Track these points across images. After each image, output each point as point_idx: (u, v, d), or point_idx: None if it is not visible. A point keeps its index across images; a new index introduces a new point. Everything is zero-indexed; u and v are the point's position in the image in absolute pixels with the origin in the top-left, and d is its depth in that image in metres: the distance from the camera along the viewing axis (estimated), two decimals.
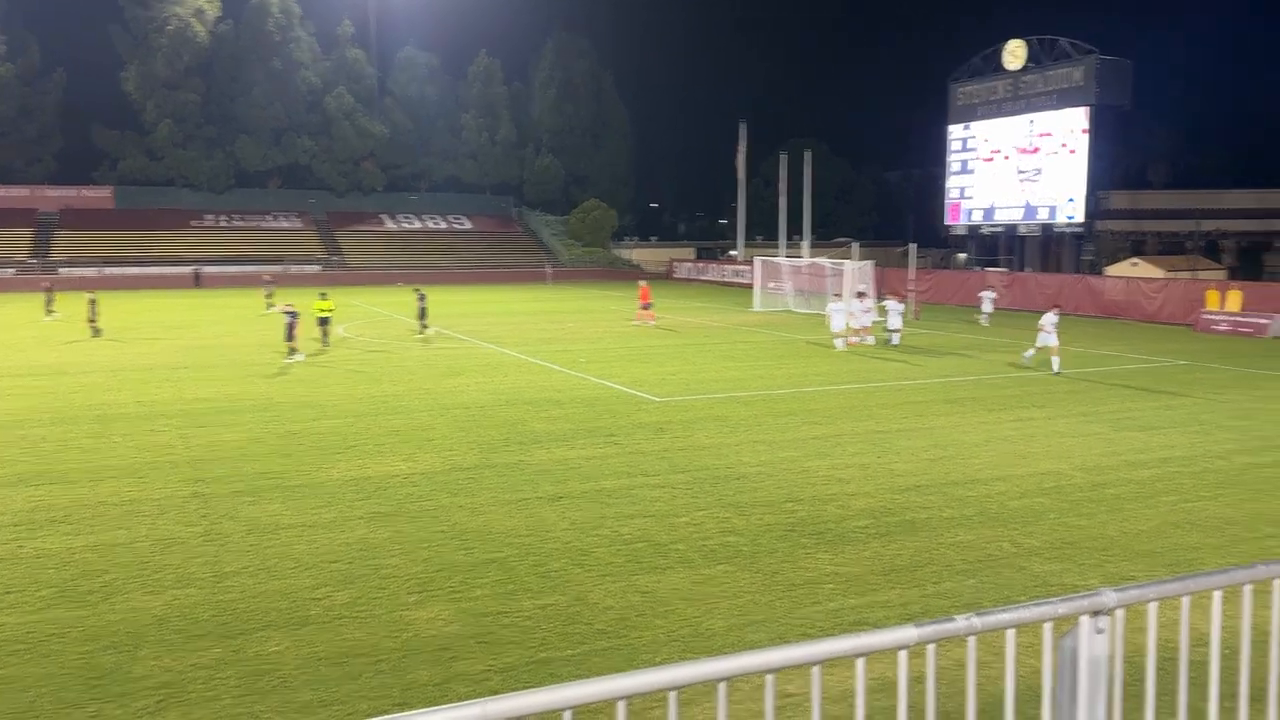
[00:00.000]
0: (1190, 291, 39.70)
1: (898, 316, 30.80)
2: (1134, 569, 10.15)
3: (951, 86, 60.47)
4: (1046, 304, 45.35)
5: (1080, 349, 30.45)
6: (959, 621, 2.48)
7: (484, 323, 40.15)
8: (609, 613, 8.91)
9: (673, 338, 34.30)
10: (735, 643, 8.25)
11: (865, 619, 8.79)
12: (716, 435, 16.94)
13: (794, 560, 10.38)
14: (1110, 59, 51.62)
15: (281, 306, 28.19)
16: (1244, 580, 2.89)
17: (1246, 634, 2.97)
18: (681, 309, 48.88)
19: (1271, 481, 13.72)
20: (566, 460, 15.01)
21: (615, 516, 11.96)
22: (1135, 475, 14.05)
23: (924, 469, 14.49)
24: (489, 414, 19.04)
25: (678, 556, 10.49)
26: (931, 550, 10.73)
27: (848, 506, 12.44)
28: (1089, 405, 19.99)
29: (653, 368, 25.91)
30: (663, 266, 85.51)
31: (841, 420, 18.33)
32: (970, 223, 60.57)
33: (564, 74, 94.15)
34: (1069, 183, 53.10)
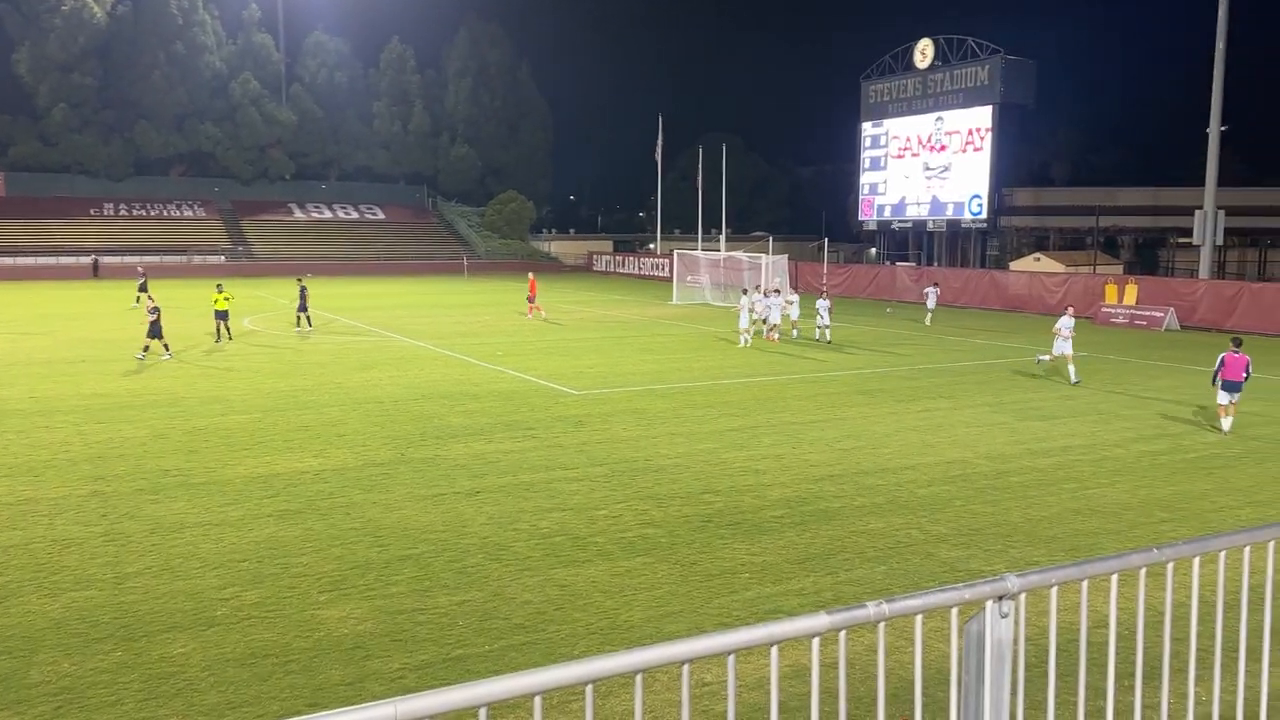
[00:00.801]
0: (1090, 286, 41.24)
1: (826, 313, 30.48)
2: (1036, 554, 10.51)
3: (864, 84, 61.63)
4: (955, 297, 46.90)
5: (985, 341, 31.39)
6: (869, 608, 2.52)
7: (398, 315, 39.51)
8: (527, 607, 8.86)
9: (591, 331, 34.27)
10: (653, 634, 8.29)
11: (780, 607, 8.92)
12: (635, 428, 16.98)
13: (711, 551, 10.47)
14: (1014, 59, 53.24)
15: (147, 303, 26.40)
16: (1139, 564, 3.00)
17: (1141, 615, 3.10)
18: (600, 302, 48.88)
19: (1165, 468, 14.35)
20: (484, 454, 14.87)
21: (533, 510, 11.90)
22: (1037, 463, 14.55)
23: (837, 459, 14.77)
24: (403, 408, 18.75)
25: (596, 549, 10.49)
26: (844, 538, 10.95)
27: (764, 497, 12.61)
28: (993, 396, 20.62)
29: (571, 361, 25.85)
30: (581, 259, 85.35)
31: (757, 412, 18.55)
32: (881, 218, 61.89)
33: (479, 63, 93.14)
34: (975, 180, 54.65)
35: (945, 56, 56.21)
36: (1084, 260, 52.76)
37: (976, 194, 54.59)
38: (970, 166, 54.90)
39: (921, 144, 58.06)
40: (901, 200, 59.84)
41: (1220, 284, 39.22)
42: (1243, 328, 34.17)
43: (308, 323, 32.97)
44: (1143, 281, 40.36)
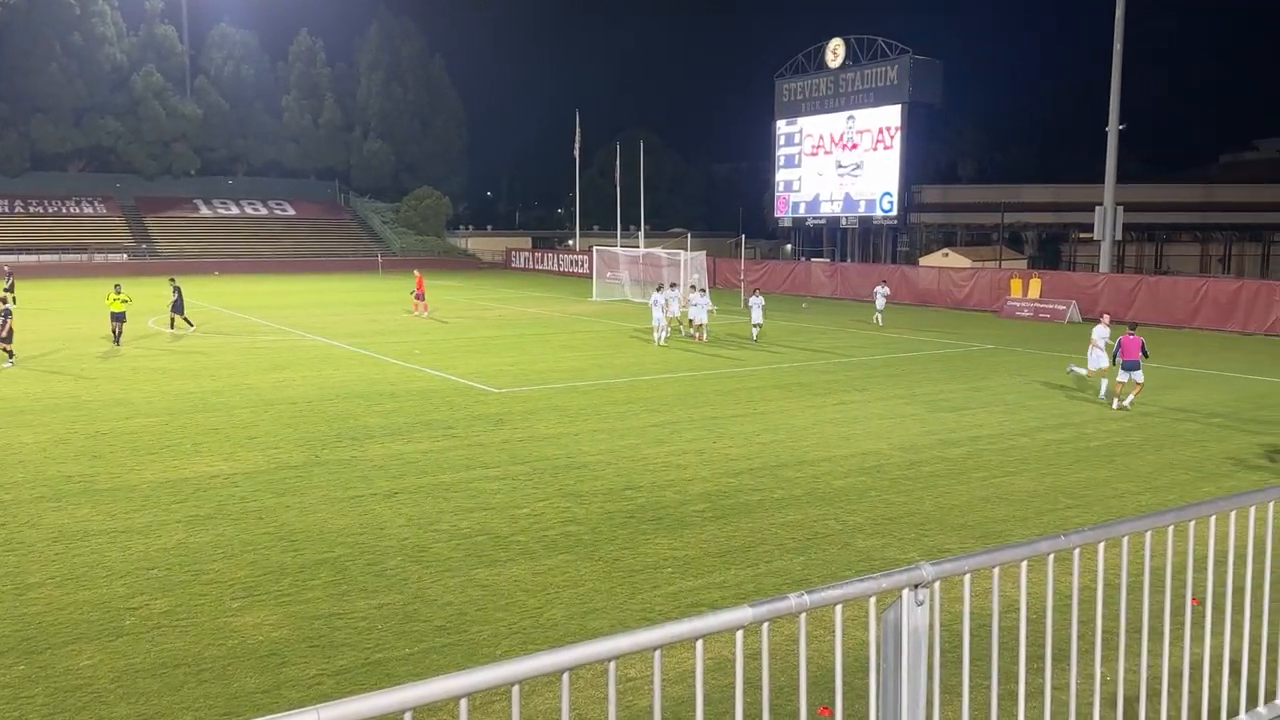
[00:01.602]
0: (996, 280, 42.52)
1: (759, 311, 29.67)
2: (949, 542, 10.80)
3: (777, 83, 62.42)
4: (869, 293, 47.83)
5: (897, 334, 32.12)
6: (790, 600, 2.57)
7: (311, 314, 38.65)
8: (448, 609, 8.76)
9: (510, 328, 34.04)
10: (577, 631, 8.29)
11: (702, 600, 8.99)
12: (556, 425, 16.93)
13: (634, 546, 10.51)
14: (923, 59, 54.53)
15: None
16: (1047, 550, 3.12)
17: (1050, 599, 3.21)
18: (519, 299, 48.57)
19: (1069, 456, 14.88)
20: (402, 454, 14.66)
21: (454, 510, 11.78)
22: (948, 454, 14.95)
23: (756, 452, 14.95)
24: (317, 409, 18.36)
25: (518, 548, 10.43)
26: (764, 530, 11.10)
27: (685, 491, 12.69)
28: (905, 388, 21.12)
29: (491, 358, 25.63)
30: (499, 256, 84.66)
31: (678, 407, 18.67)
32: (796, 215, 62.81)
33: (391, 56, 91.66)
34: (886, 177, 55.84)
35: (856, 56, 57.28)
36: (990, 255, 54.40)
37: (887, 191, 55.79)
38: (881, 164, 56.07)
39: (834, 142, 59.08)
40: (816, 197, 60.82)
41: (1120, 277, 40.83)
42: (1141, 319, 35.59)
43: (186, 324, 31.66)
44: (1046, 276, 41.78)
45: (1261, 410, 18.67)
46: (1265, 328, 32.15)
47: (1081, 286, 39.09)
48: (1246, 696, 3.96)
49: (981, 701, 3.28)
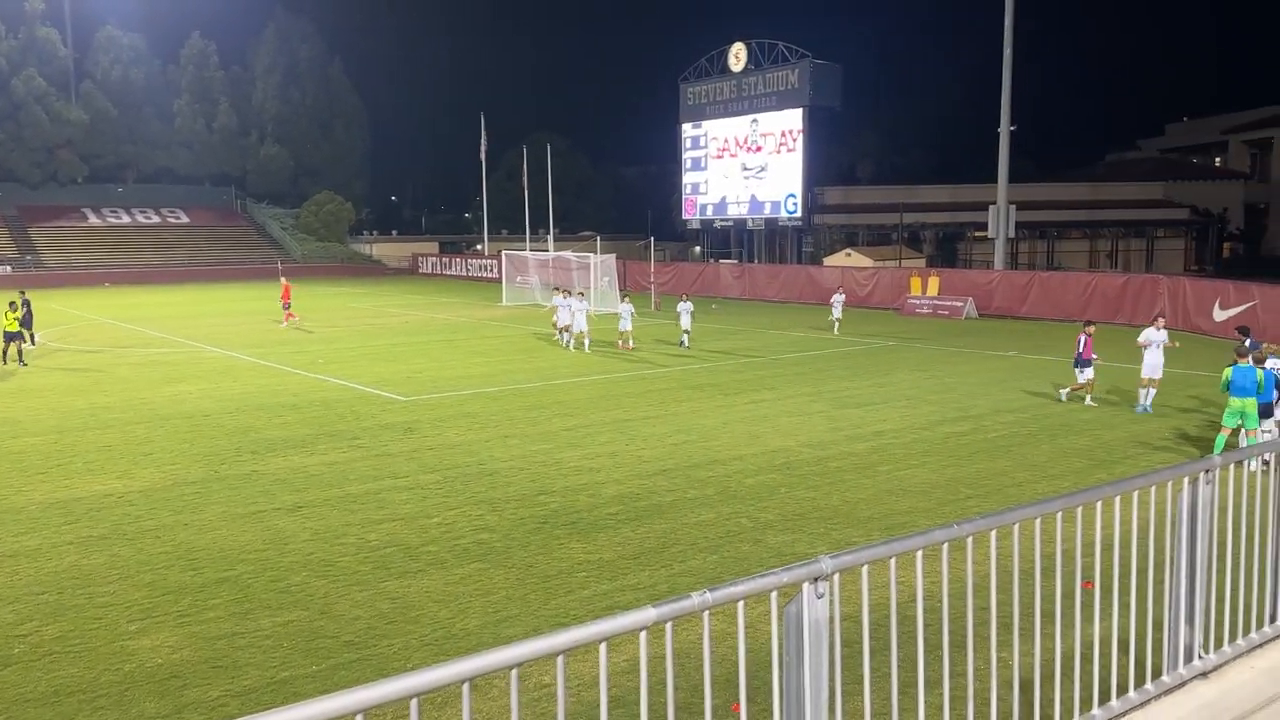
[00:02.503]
0: (896, 279, 43.62)
1: (687, 316, 28.69)
2: (856, 535, 11.03)
3: (682, 86, 62.93)
4: (776, 292, 48.63)
5: (803, 334, 32.69)
6: (693, 599, 2.58)
7: (208, 324, 37.43)
8: (356, 623, 8.58)
9: (418, 334, 33.53)
10: (490, 640, 8.20)
11: (618, 603, 9.00)
12: (467, 432, 16.74)
13: (548, 552, 10.45)
14: (822, 63, 55.62)
15: None
16: (942, 539, 3.21)
17: (945, 587, 3.30)
18: (427, 305, 47.88)
19: (968, 447, 15.35)
20: (305, 467, 14.30)
21: (361, 523, 11.54)
22: (854, 449, 15.27)
23: (669, 453, 15.04)
24: (216, 422, 17.79)
25: (429, 559, 10.27)
26: (677, 531, 11.16)
27: (598, 495, 12.69)
28: (813, 386, 21.51)
29: (398, 366, 25.20)
30: (405, 262, 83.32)
31: (590, 411, 18.65)
32: (704, 217, 63.42)
33: (288, 59, 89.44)
34: (790, 179, 56.80)
35: (758, 60, 58.12)
36: (890, 255, 55.78)
37: (791, 193, 56.76)
38: (785, 167, 57.01)
39: (739, 145, 59.84)
40: (723, 199, 61.50)
41: (1013, 274, 42.30)
42: (1035, 314, 37.02)
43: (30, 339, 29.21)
44: (944, 274, 43.04)
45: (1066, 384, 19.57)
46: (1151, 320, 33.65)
47: (977, 284, 40.38)
48: (1135, 674, 4.13)
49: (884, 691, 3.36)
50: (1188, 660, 4.21)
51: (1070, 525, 3.88)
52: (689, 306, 29.01)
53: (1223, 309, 31.13)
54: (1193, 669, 4.20)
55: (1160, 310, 28.62)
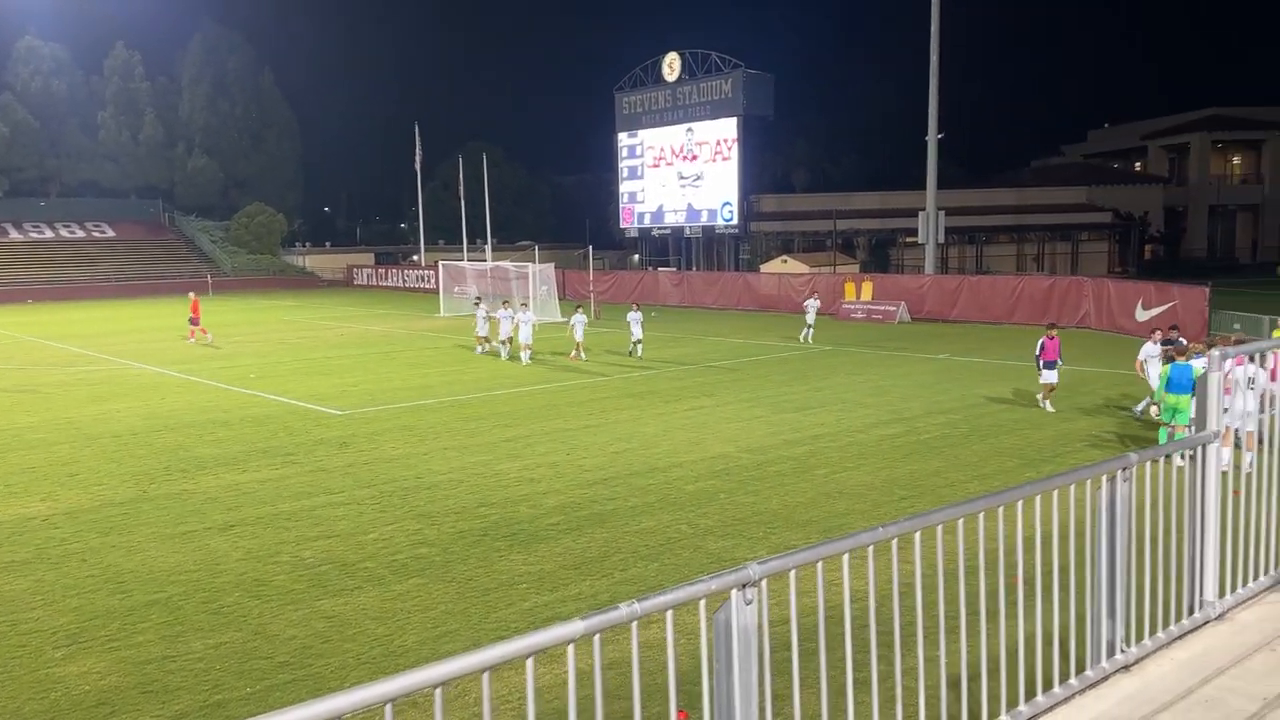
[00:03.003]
0: (832, 284, 44.21)
1: (638, 326, 28.08)
2: (794, 538, 11.14)
3: (617, 96, 63.11)
4: (717, 301, 48.92)
5: (742, 340, 32.95)
6: (622, 609, 2.59)
7: (136, 340, 36.46)
8: (292, 643, 8.42)
9: (354, 347, 33.05)
10: (429, 656, 8.10)
11: (559, 614, 8.96)
12: (404, 445, 16.54)
13: (488, 565, 10.37)
14: (754, 73, 56.22)
15: None
16: (868, 542, 3.26)
17: (872, 589, 3.36)
18: (363, 317, 47.23)
19: (901, 449, 15.61)
20: (238, 485, 14.00)
21: (296, 540, 11.33)
22: (792, 453, 15.43)
23: (609, 462, 15.03)
24: (145, 441, 17.33)
25: (366, 575, 10.13)
26: (618, 540, 11.16)
27: (539, 505, 12.63)
28: (751, 391, 21.69)
29: (333, 380, 24.82)
30: (340, 274, 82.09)
31: (531, 421, 18.56)
32: (642, 225, 63.61)
33: (216, 70, 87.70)
34: (726, 188, 57.28)
35: (692, 70, 58.54)
36: (825, 261, 56.50)
37: (728, 201, 57.23)
38: (720, 175, 57.48)
39: (675, 154, 60.17)
40: (660, 208, 61.76)
41: (944, 279, 43.16)
42: (964, 318, 37.81)
43: None
44: (877, 279, 43.75)
45: (1075, 398, 20.08)
46: (1076, 321, 34.60)
47: (909, 288, 41.11)
48: (1061, 669, 4.24)
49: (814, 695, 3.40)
50: (1110, 654, 4.33)
51: (993, 524, 3.97)
52: (639, 316, 28.53)
53: (1145, 309, 32.12)
54: (1115, 662, 4.33)
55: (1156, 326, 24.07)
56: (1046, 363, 18.75)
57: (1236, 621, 4.90)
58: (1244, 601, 5.10)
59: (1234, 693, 4.09)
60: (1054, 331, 19.12)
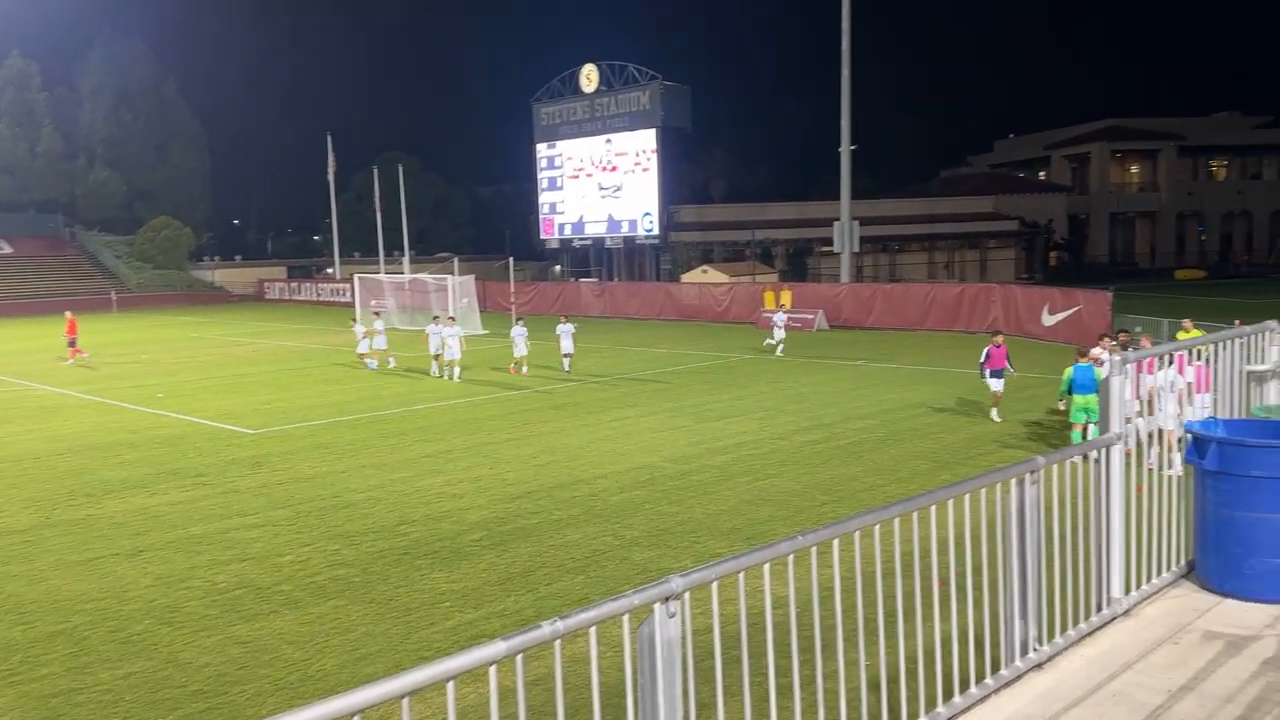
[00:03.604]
0: (751, 294, 44.74)
1: (569, 339, 27.03)
2: (719, 546, 11.21)
3: (535, 107, 63.00)
4: (639, 311, 49.07)
5: (665, 350, 33.10)
6: (544, 628, 2.57)
7: (35, 360, 35.00)
8: (205, 670, 8.16)
9: (266, 364, 32.24)
10: (350, 680, 7.92)
11: (484, 631, 8.85)
12: (321, 464, 16.19)
13: (410, 584, 10.20)
14: (672, 85, 56.70)
15: None
16: (787, 551, 3.30)
17: (793, 595, 3.40)
18: (276, 332, 46.11)
19: (822, 455, 15.85)
20: (147, 508, 13.52)
21: (208, 564, 10.99)
22: (716, 461, 15.55)
23: (533, 475, 14.94)
24: (46, 465, 16.63)
25: (282, 598, 9.87)
26: (543, 553, 11.09)
27: (462, 521, 12.48)
28: (674, 401, 21.80)
29: (244, 398, 24.17)
30: (251, 288, 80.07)
31: (452, 435, 18.35)
32: (563, 236, 63.54)
33: (118, 80, 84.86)
34: (646, 199, 57.59)
35: (609, 82, 58.77)
36: (745, 270, 57.14)
37: (648, 212, 57.55)
38: (640, 186, 57.77)
39: (594, 165, 60.28)
40: (580, 219, 61.78)
41: (859, 287, 44.03)
42: (880, 325, 38.62)
43: None
44: (795, 288, 44.41)
45: (986, 401, 20.65)
46: (985, 326, 35.58)
47: (826, 296, 41.82)
48: (978, 668, 4.34)
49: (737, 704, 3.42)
50: (1024, 653, 4.45)
51: (907, 528, 4.05)
52: (570, 328, 27.24)
53: (1051, 314, 33.25)
54: (1029, 661, 4.45)
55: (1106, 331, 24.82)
56: (992, 371, 18.30)
57: (1142, 617, 5.08)
58: (1149, 597, 5.30)
59: (1141, 686, 4.24)
60: (999, 339, 18.67)
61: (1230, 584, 5.34)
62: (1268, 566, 5.18)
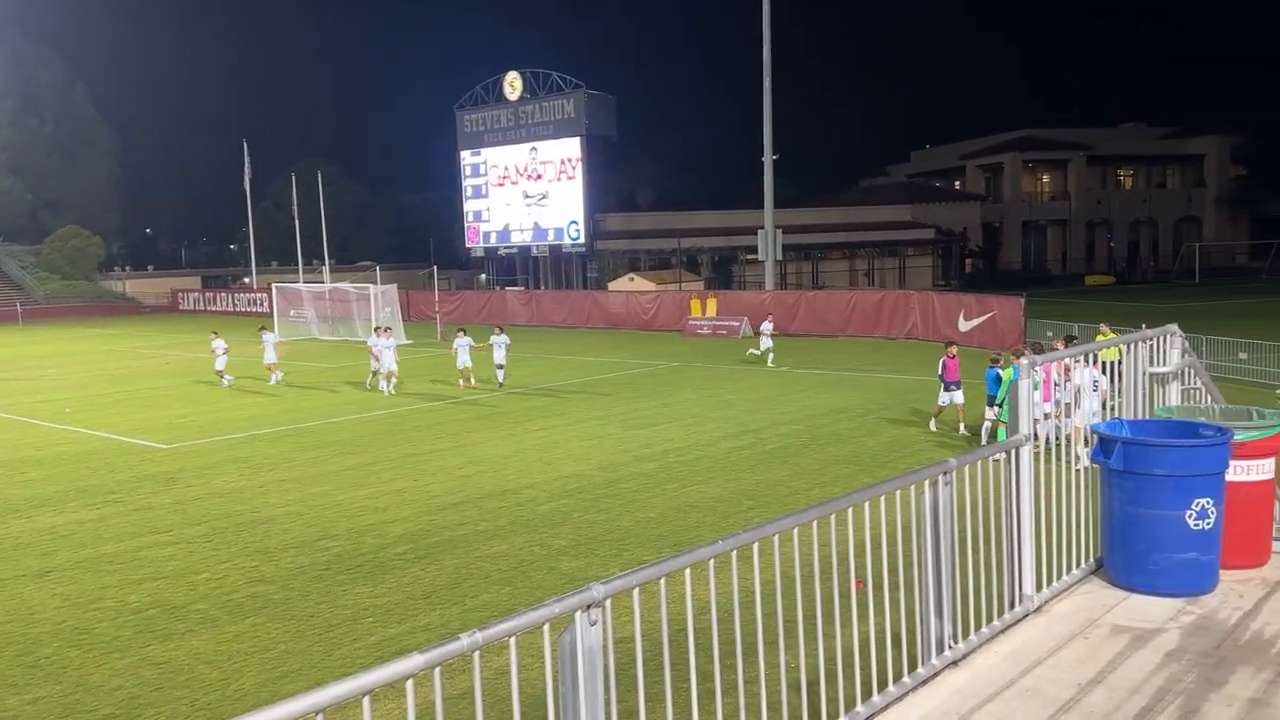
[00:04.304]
0: (678, 301, 45.01)
1: (502, 350, 25.60)
2: (646, 553, 11.23)
3: (458, 114, 62.51)
4: (566, 319, 48.98)
5: (592, 358, 33.09)
6: (463, 640, 2.54)
7: None
8: (117, 694, 7.88)
9: (181, 377, 31.32)
10: (268, 699, 7.72)
11: (408, 646, 8.72)
12: (238, 479, 15.78)
13: (331, 600, 10.00)
14: (597, 94, 56.82)
15: None
16: (708, 556, 3.33)
17: (714, 600, 3.43)
18: (190, 344, 44.81)
19: (748, 461, 16.01)
20: (54, 528, 13.01)
21: (119, 584, 10.62)
22: (643, 469, 15.58)
23: (459, 486, 14.78)
24: None
25: (198, 617, 9.59)
26: (470, 565, 10.98)
27: (385, 534, 12.28)
28: (602, 409, 21.79)
29: (158, 412, 23.45)
30: (165, 299, 77.77)
31: (375, 447, 18.05)
32: (488, 244, 63.10)
33: (23, 85, 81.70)
34: (571, 207, 57.56)
35: (534, 89, 58.64)
36: (671, 279, 57.47)
37: (574, 220, 57.52)
38: (566, 194, 57.72)
39: (520, 172, 60.04)
40: (506, 227, 61.44)
41: (783, 294, 44.62)
42: (803, 331, 39.17)
43: None
44: (721, 295, 44.83)
45: (905, 405, 21.11)
46: (904, 332, 36.42)
47: (751, 304, 42.27)
48: (896, 667, 4.43)
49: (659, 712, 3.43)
50: (940, 650, 4.56)
51: (825, 531, 4.12)
52: (504, 339, 25.72)
53: (967, 319, 34.14)
54: (944, 658, 4.56)
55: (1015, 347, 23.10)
56: (949, 383, 17.61)
57: (1053, 613, 5.24)
58: (1059, 594, 5.47)
59: (1052, 681, 4.38)
60: (953, 350, 17.94)
61: (1136, 579, 5.54)
62: (1170, 562, 5.39)
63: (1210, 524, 5.37)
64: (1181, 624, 5.00)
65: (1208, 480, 5.38)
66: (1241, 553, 5.83)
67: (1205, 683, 4.28)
